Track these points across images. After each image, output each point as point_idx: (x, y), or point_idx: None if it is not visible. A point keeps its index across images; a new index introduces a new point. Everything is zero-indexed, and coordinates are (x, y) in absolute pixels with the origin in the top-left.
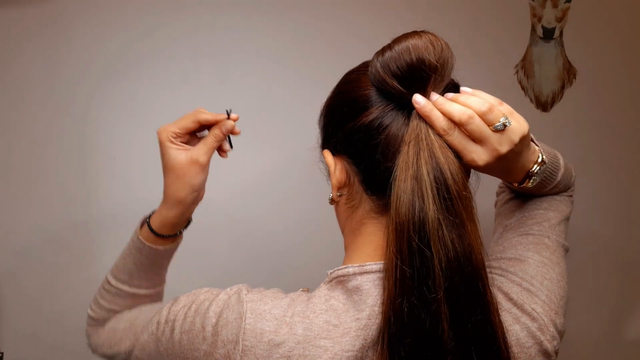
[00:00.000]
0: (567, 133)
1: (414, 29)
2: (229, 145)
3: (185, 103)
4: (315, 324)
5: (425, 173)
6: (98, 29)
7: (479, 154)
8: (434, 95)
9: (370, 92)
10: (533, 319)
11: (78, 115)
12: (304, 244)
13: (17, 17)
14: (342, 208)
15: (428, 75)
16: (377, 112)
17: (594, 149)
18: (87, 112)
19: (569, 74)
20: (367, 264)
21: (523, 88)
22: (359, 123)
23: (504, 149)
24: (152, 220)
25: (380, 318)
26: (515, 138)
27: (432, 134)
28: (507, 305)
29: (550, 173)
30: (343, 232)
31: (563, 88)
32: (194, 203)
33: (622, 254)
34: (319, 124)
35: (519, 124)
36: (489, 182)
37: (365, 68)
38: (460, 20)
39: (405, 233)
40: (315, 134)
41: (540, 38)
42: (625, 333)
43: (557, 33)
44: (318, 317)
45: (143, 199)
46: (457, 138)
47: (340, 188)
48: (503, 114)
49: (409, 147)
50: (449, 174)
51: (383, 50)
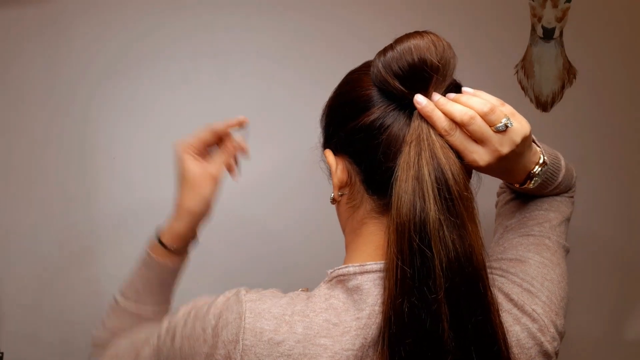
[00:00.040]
0: (567, 133)
1: (414, 29)
2: (237, 166)
3: (185, 103)
4: (315, 323)
5: (427, 173)
6: (98, 29)
7: (481, 155)
8: (436, 96)
9: (372, 92)
10: (533, 320)
11: (78, 115)
12: (304, 244)
13: (17, 17)
14: (343, 208)
15: (430, 76)
16: (378, 112)
17: (594, 149)
18: (87, 112)
19: (569, 74)
20: (367, 264)
21: (523, 88)
22: (361, 123)
23: (505, 150)
24: (161, 233)
25: (381, 318)
26: (517, 139)
27: (433, 135)
28: (507, 306)
29: (552, 174)
30: (344, 231)
31: (563, 88)
32: (203, 216)
33: (622, 254)
34: (321, 124)
35: (521, 125)
36: (491, 183)
37: (367, 68)
38: (460, 20)
39: (406, 233)
40: (316, 134)
41: (540, 38)
42: (625, 333)
43: (557, 33)
44: (318, 315)
45: (143, 199)
46: (458, 138)
47: (342, 188)
48: (505, 115)
49: (410, 147)
50: (450, 175)
51: (385, 50)
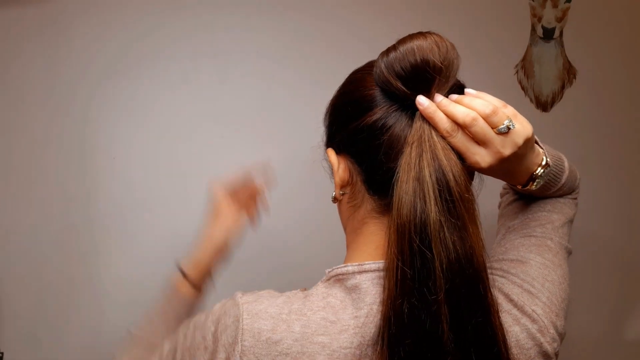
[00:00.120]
0: (567, 133)
1: (415, 29)
2: (258, 219)
3: (185, 103)
4: (313, 321)
5: (428, 175)
6: (98, 29)
7: (483, 156)
8: (438, 97)
9: (375, 92)
10: (533, 321)
11: (78, 115)
12: (304, 244)
13: (17, 17)
14: (344, 207)
15: (432, 77)
16: (380, 112)
17: (594, 149)
18: (87, 112)
19: (569, 74)
20: (366, 263)
21: (523, 88)
22: (363, 123)
23: (508, 152)
24: (182, 262)
25: (379, 317)
26: (519, 141)
27: (435, 136)
28: (507, 307)
29: (555, 176)
30: (345, 230)
31: (563, 88)
32: (224, 252)
33: (622, 254)
34: (324, 123)
35: (523, 127)
36: (492, 184)
37: (371, 68)
38: (461, 20)
39: (407, 234)
40: (316, 134)
41: (540, 38)
42: (625, 333)
43: (557, 33)
44: (315, 314)
45: (143, 199)
46: (460, 140)
47: (343, 187)
48: (507, 117)
49: (412, 148)
50: (452, 176)
51: (388, 51)
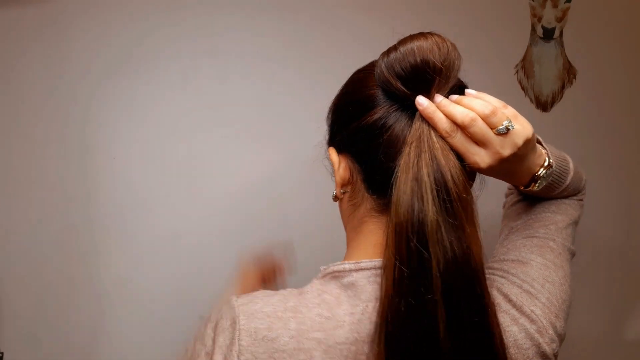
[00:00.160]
0: (567, 133)
1: (414, 29)
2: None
3: (185, 103)
4: (308, 318)
5: (426, 175)
6: (98, 29)
7: (482, 157)
8: (438, 97)
9: (376, 92)
10: (532, 321)
11: (78, 115)
12: (304, 244)
13: (16, 17)
14: (345, 205)
15: (432, 77)
16: (381, 112)
17: (594, 149)
18: (87, 112)
19: (569, 74)
20: (362, 261)
21: (523, 88)
22: (363, 122)
23: (507, 152)
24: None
25: (376, 315)
26: (519, 141)
27: (434, 136)
28: (505, 307)
29: (558, 176)
30: (346, 228)
31: (563, 88)
32: None
33: (622, 254)
34: (327, 122)
35: (523, 128)
36: (494, 185)
37: (373, 68)
38: (460, 20)
39: (404, 234)
40: (316, 134)
41: (540, 38)
42: (625, 333)
43: (557, 33)
44: (310, 311)
45: (143, 199)
46: (459, 140)
47: (344, 186)
48: (507, 117)
49: (411, 148)
50: (450, 177)
51: (388, 51)
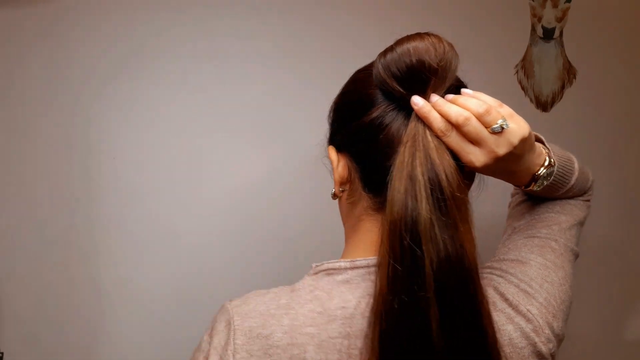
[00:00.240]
0: (567, 133)
1: (414, 30)
2: None
3: (186, 103)
4: (301, 314)
5: (420, 174)
6: (99, 32)
7: (477, 156)
8: (434, 97)
9: (375, 91)
10: (528, 320)
11: (78, 116)
12: (303, 243)
13: (18, 19)
14: (343, 203)
15: (428, 78)
16: (378, 111)
17: (594, 149)
18: (87, 112)
19: (569, 74)
20: (357, 260)
21: (523, 88)
22: (362, 121)
23: (502, 151)
24: None
25: (369, 312)
26: (514, 140)
27: (429, 135)
28: (501, 305)
29: (562, 177)
30: (344, 226)
31: (563, 88)
32: None
33: (622, 254)
34: (328, 121)
35: (519, 126)
36: (494, 186)
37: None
38: (460, 21)
39: (398, 232)
40: (316, 133)
41: (540, 38)
42: (625, 333)
43: (557, 33)
44: (303, 307)
45: (143, 199)
46: (454, 139)
47: (342, 184)
48: (501, 116)
49: (406, 147)
50: (444, 176)
51: (385, 52)
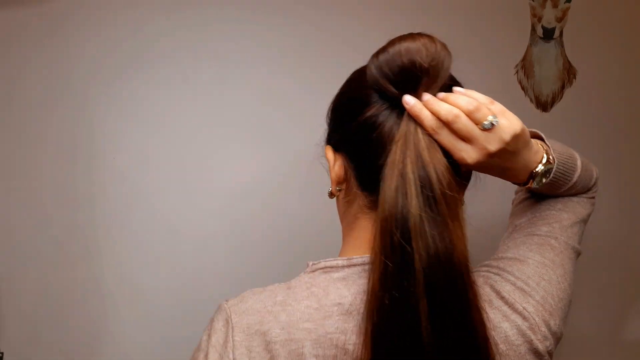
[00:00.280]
0: (567, 133)
1: (414, 30)
2: None
3: (186, 103)
4: (297, 310)
5: (410, 171)
6: (101, 33)
7: (468, 152)
8: (426, 96)
9: (370, 92)
10: (524, 318)
11: (78, 116)
12: (303, 242)
13: (17, 19)
14: (340, 202)
15: (419, 77)
16: (372, 110)
17: (594, 149)
18: (87, 113)
19: (569, 74)
20: (354, 258)
21: (523, 88)
22: (356, 121)
23: (493, 147)
24: None
25: (364, 308)
26: (506, 137)
27: (420, 134)
28: (497, 303)
29: (563, 174)
30: (342, 224)
31: (563, 88)
32: None
33: (622, 254)
34: (326, 121)
35: (510, 123)
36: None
37: None
38: (460, 20)
39: (389, 228)
40: (316, 133)
41: (540, 38)
42: (625, 333)
43: (557, 33)
44: (299, 303)
45: (144, 199)
46: (446, 137)
47: (339, 183)
48: (491, 113)
49: (398, 146)
50: (434, 174)
51: (378, 53)
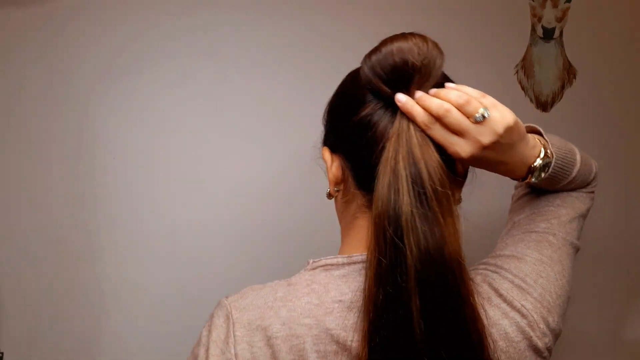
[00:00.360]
0: (567, 133)
1: (414, 30)
2: None
3: (185, 103)
4: (298, 306)
5: (402, 168)
6: (97, 28)
7: (462, 146)
8: (418, 93)
9: (364, 92)
10: (523, 315)
11: (78, 115)
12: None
13: (14, 16)
14: (339, 203)
15: (411, 75)
16: (367, 110)
17: (594, 149)
18: (87, 112)
19: (569, 74)
20: (354, 255)
21: (523, 88)
22: (352, 121)
23: (486, 140)
24: None
25: (362, 305)
26: (498, 129)
27: (412, 130)
28: (496, 301)
29: (562, 168)
30: (340, 224)
31: (563, 88)
32: None
33: (622, 254)
34: (322, 122)
35: (502, 115)
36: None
37: None
38: (460, 21)
39: (382, 225)
40: (315, 133)
41: (540, 38)
42: (625, 333)
43: (557, 33)
44: (300, 299)
45: (143, 199)
46: (438, 132)
47: (337, 184)
48: (482, 106)
49: (390, 143)
50: (425, 169)
51: (371, 53)
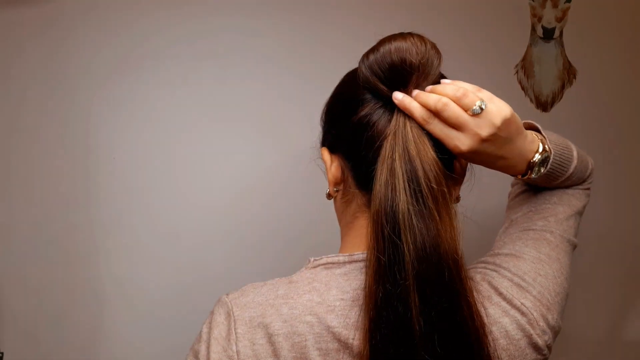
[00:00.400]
0: (567, 133)
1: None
2: None
3: (186, 103)
4: (299, 303)
5: (398, 166)
6: (98, 30)
7: (461, 140)
8: (415, 91)
9: (362, 91)
10: (522, 314)
11: (78, 116)
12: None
13: (17, 17)
14: (338, 203)
15: (409, 74)
16: (365, 110)
17: (594, 149)
18: (87, 112)
19: (569, 74)
20: (355, 254)
21: (523, 88)
22: (351, 121)
23: (485, 132)
24: None
25: (363, 302)
26: (496, 121)
27: (409, 128)
28: (496, 299)
29: (560, 165)
30: (340, 224)
31: (563, 88)
32: None
33: (622, 254)
34: (320, 123)
35: (498, 107)
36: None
37: None
38: (460, 21)
39: (380, 223)
40: (314, 134)
41: (540, 38)
42: (625, 333)
43: (557, 33)
44: (301, 297)
45: (143, 199)
46: (437, 126)
47: (337, 184)
48: (479, 99)
49: (387, 141)
50: (420, 167)
51: (368, 52)
